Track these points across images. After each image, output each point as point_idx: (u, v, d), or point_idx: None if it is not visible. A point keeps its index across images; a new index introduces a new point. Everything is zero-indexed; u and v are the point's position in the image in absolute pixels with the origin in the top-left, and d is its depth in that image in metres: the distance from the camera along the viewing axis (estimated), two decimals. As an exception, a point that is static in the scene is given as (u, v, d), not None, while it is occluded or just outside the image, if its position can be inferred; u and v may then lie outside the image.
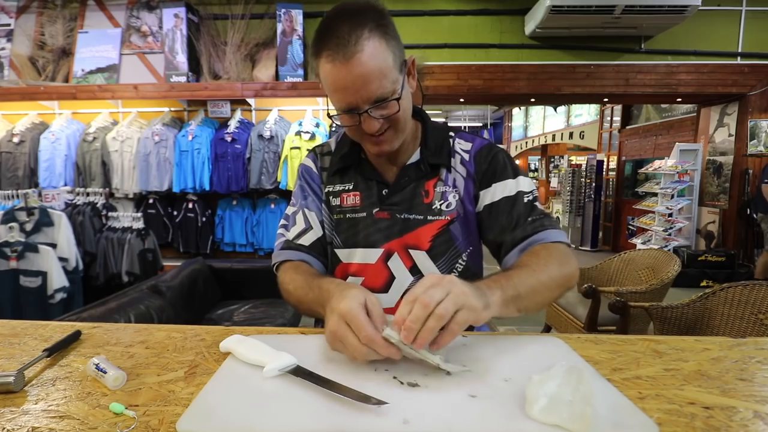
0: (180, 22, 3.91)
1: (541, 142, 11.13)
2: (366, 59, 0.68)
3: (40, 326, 0.79)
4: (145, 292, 2.02)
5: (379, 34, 0.70)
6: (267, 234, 3.95)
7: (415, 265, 0.86)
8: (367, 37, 0.68)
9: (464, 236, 0.87)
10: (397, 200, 0.86)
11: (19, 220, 2.62)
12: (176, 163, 3.76)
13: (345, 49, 0.68)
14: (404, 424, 0.46)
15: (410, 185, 0.87)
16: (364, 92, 0.71)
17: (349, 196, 0.89)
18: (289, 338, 0.71)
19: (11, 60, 4.20)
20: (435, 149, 0.89)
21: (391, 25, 0.73)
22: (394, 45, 0.72)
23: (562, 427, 0.45)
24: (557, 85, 4.28)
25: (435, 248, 0.85)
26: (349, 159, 0.91)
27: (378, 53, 0.69)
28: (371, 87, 0.70)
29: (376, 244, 0.86)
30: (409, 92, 0.79)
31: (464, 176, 0.87)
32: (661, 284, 2.10)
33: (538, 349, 0.66)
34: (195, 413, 0.48)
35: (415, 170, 0.88)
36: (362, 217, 0.87)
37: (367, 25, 0.69)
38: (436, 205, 0.86)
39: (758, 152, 4.49)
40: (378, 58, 0.69)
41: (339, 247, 0.90)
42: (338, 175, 0.92)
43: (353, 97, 0.71)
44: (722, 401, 0.51)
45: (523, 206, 0.83)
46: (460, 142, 0.91)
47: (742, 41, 4.26)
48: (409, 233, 0.85)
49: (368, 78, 0.69)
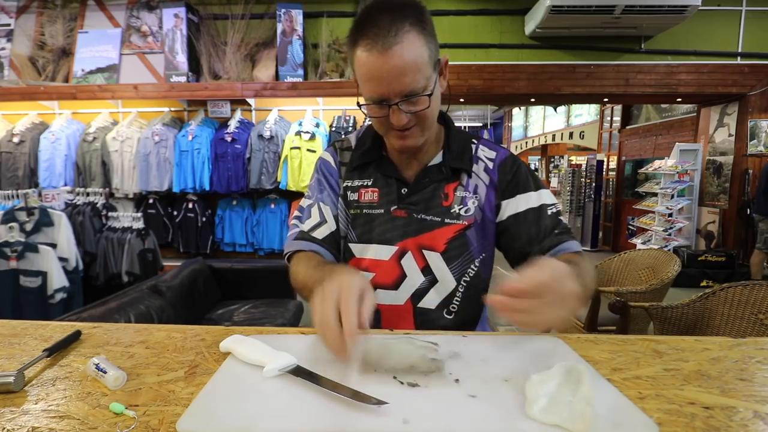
0: (180, 22, 3.91)
1: (541, 142, 11.14)
2: (403, 52, 0.69)
3: (40, 326, 0.79)
4: (145, 292, 2.02)
5: (419, 29, 0.71)
6: (267, 234, 3.95)
7: (428, 266, 0.86)
8: (407, 30, 0.69)
9: (479, 242, 0.88)
10: (416, 200, 0.87)
11: (19, 220, 2.62)
12: (176, 163, 3.76)
13: (384, 39, 0.69)
14: (404, 424, 0.46)
15: (430, 186, 0.87)
16: (397, 84, 0.71)
17: (368, 191, 0.89)
18: (289, 338, 0.71)
19: (11, 60, 4.20)
20: (457, 153, 0.89)
21: (429, 22, 0.74)
22: (431, 42, 0.73)
23: (562, 427, 0.45)
24: (557, 85, 4.28)
25: (449, 251, 0.86)
26: (370, 155, 0.91)
27: (416, 47, 0.70)
28: (405, 80, 0.71)
29: (390, 242, 0.86)
30: (439, 91, 0.80)
31: (487, 184, 0.88)
32: (661, 284, 2.10)
33: (538, 349, 0.66)
34: (195, 413, 0.48)
35: (436, 172, 0.88)
36: (379, 213, 0.88)
37: (407, 18, 0.70)
38: (455, 209, 0.86)
39: (758, 152, 4.49)
40: (415, 52, 0.70)
41: (353, 241, 0.90)
42: (358, 170, 0.92)
43: (386, 88, 0.72)
44: (722, 401, 0.51)
45: (549, 218, 0.85)
46: (483, 150, 0.91)
47: (742, 41, 4.26)
48: (425, 234, 0.86)
49: (403, 70, 0.70)
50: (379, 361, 0.57)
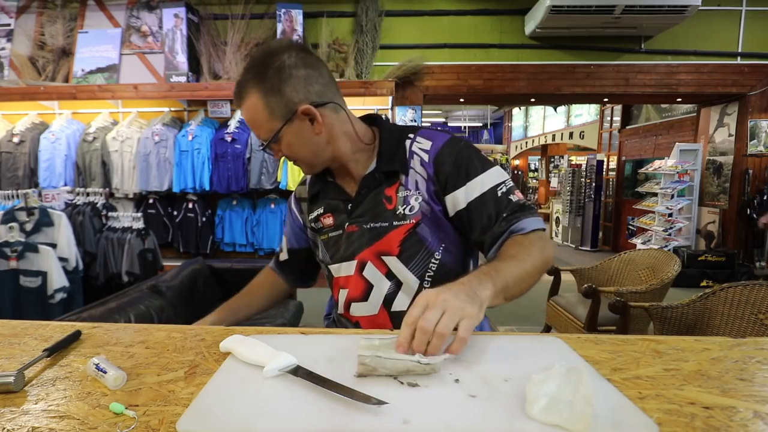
0: (180, 22, 3.91)
1: (541, 142, 11.13)
2: (245, 110, 0.83)
3: (40, 326, 0.79)
4: (145, 292, 2.02)
5: (259, 88, 0.80)
6: (267, 234, 3.95)
7: (390, 271, 0.88)
8: (251, 89, 0.81)
9: (434, 236, 0.87)
10: (361, 212, 0.90)
11: (19, 220, 2.62)
12: (176, 163, 3.77)
13: (235, 99, 0.85)
14: (404, 424, 0.46)
15: (370, 195, 0.89)
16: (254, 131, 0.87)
17: (325, 218, 0.95)
18: (289, 338, 0.71)
19: (11, 60, 4.20)
20: (389, 156, 0.89)
21: (275, 77, 0.80)
22: (274, 96, 0.80)
23: (562, 427, 0.45)
24: (557, 85, 4.28)
25: (405, 252, 0.87)
26: (317, 185, 0.98)
27: (252, 107, 0.82)
28: (254, 130, 0.86)
29: (350, 257, 0.90)
30: (300, 135, 0.84)
31: (425, 178, 0.87)
32: (661, 284, 2.10)
33: (538, 349, 0.66)
34: (195, 413, 0.48)
35: (371, 180, 0.90)
36: (339, 234, 0.93)
37: (252, 80, 0.81)
38: (400, 210, 0.87)
39: (758, 152, 4.49)
40: (251, 111, 0.82)
41: (330, 263, 0.95)
42: (313, 201, 0.99)
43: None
44: (722, 401, 0.51)
45: (496, 202, 0.83)
46: (419, 142, 0.90)
47: (742, 41, 4.26)
48: (379, 241, 0.88)
49: (250, 123, 0.85)
50: (373, 371, 0.57)
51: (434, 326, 0.57)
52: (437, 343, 0.57)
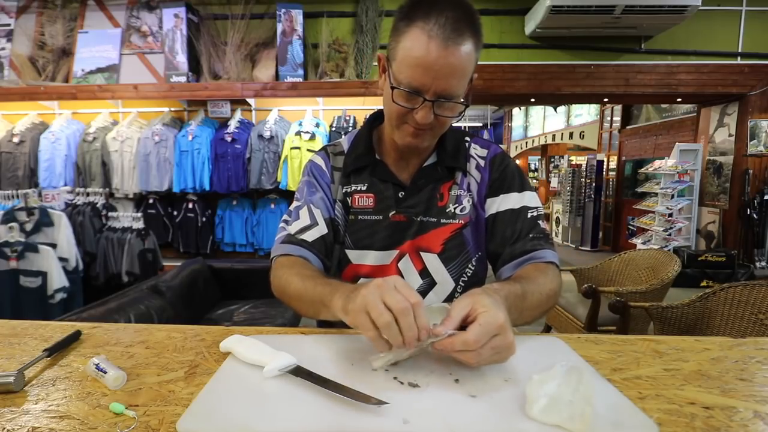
0: (180, 22, 3.90)
1: (541, 142, 11.12)
2: (461, 54, 0.68)
3: (40, 326, 0.79)
4: (145, 292, 2.02)
5: (476, 40, 0.71)
6: (267, 234, 3.95)
7: (425, 268, 0.85)
8: (470, 35, 0.69)
9: (475, 241, 0.87)
10: (414, 202, 0.86)
11: (19, 220, 2.62)
12: (176, 163, 3.76)
13: (450, 33, 0.67)
14: (404, 424, 0.46)
15: (427, 187, 0.86)
16: (442, 82, 0.70)
17: (362, 197, 0.87)
18: (289, 338, 0.71)
19: (11, 60, 4.20)
20: (452, 152, 0.88)
21: (481, 39, 0.74)
22: (476, 57, 0.73)
23: (562, 427, 0.45)
24: (557, 85, 4.27)
25: (447, 251, 0.85)
26: (364, 159, 0.88)
27: (470, 56, 0.70)
28: (452, 81, 0.70)
29: (391, 246, 0.85)
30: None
31: (478, 182, 0.88)
32: (661, 284, 2.10)
33: (538, 349, 0.66)
34: (195, 413, 0.48)
35: (432, 172, 0.87)
36: (377, 219, 0.86)
37: (473, 24, 0.70)
38: (450, 209, 0.86)
39: (758, 152, 4.49)
40: (467, 60, 0.70)
41: (350, 248, 0.87)
42: (352, 175, 0.89)
43: (430, 81, 0.70)
44: (722, 401, 0.51)
45: (527, 221, 0.83)
46: (475, 148, 0.91)
47: (742, 41, 4.26)
48: (422, 236, 0.85)
49: (454, 72, 0.69)
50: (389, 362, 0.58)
51: (484, 355, 0.54)
52: (470, 357, 0.54)
